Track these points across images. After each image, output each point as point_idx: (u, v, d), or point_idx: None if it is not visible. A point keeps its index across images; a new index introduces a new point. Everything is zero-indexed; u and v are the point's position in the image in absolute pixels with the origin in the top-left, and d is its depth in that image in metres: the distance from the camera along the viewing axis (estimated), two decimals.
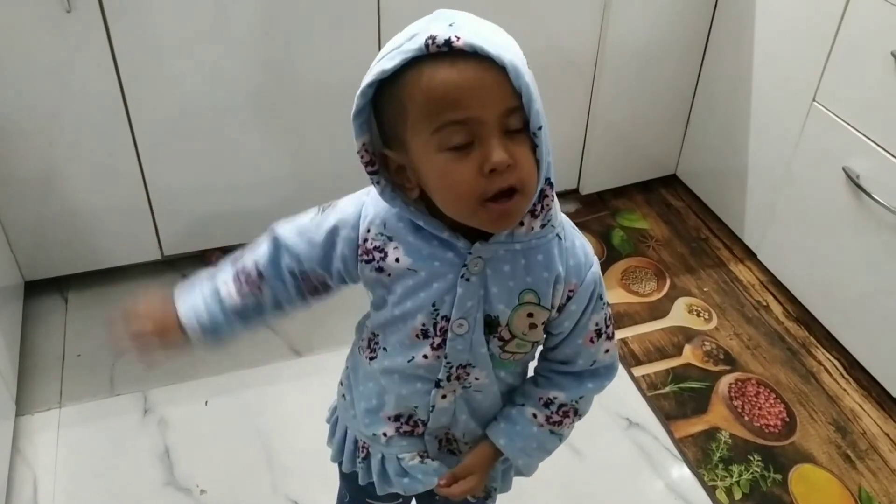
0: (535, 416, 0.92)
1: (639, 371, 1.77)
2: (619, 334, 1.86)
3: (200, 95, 1.70)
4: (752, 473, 1.57)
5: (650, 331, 1.88)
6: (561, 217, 0.84)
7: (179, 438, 1.59)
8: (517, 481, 1.05)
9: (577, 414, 0.94)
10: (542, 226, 0.80)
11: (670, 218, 2.23)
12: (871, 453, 1.61)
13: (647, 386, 1.74)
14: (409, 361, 0.88)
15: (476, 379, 0.89)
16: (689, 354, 1.82)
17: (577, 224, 0.88)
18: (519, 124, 0.73)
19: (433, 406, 0.91)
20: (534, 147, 0.75)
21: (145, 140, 1.71)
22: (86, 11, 1.52)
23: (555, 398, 0.92)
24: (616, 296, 1.97)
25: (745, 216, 2.05)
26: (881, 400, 1.72)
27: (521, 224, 0.79)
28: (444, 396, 0.90)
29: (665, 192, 2.32)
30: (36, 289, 1.87)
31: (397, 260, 0.82)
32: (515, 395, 0.95)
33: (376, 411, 0.95)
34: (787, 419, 1.68)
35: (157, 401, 1.66)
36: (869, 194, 1.61)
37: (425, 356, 0.87)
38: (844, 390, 1.74)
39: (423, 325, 0.85)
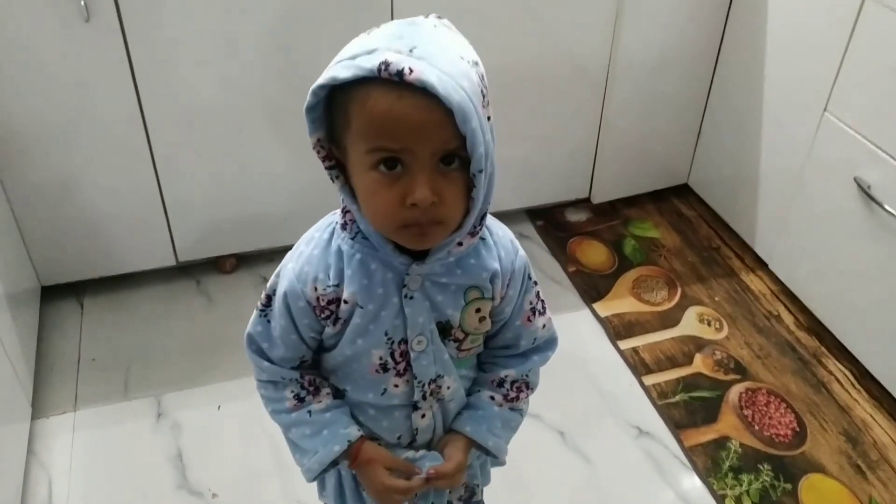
0: (492, 398, 0.95)
1: (649, 380, 1.77)
2: (630, 343, 1.87)
3: (216, 103, 1.72)
4: (761, 483, 1.57)
5: (661, 340, 1.88)
6: None
7: (192, 442, 1.61)
8: (525, 489, 1.06)
9: (529, 387, 0.97)
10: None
11: (682, 227, 2.23)
12: (882, 464, 1.61)
13: (657, 395, 1.74)
14: (382, 394, 0.89)
15: (448, 388, 0.91)
16: (700, 363, 1.82)
17: (588, 233, 0.90)
18: (457, 163, 0.73)
19: (416, 429, 0.93)
20: (472, 185, 0.75)
21: (161, 147, 1.73)
22: (104, 21, 1.54)
23: (506, 376, 0.94)
24: (627, 304, 1.98)
25: (756, 226, 2.05)
26: (892, 410, 1.71)
27: (460, 244, 0.81)
28: (423, 416, 0.92)
29: (677, 201, 2.32)
30: (52, 293, 1.89)
31: (345, 301, 0.83)
32: (470, 388, 0.97)
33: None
34: (798, 429, 1.68)
35: (171, 405, 1.67)
36: (880, 204, 1.61)
37: (396, 385, 0.89)
38: (855, 400, 1.74)
39: (381, 358, 0.86)
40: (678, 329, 1.91)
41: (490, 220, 0.86)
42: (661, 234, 2.21)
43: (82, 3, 1.49)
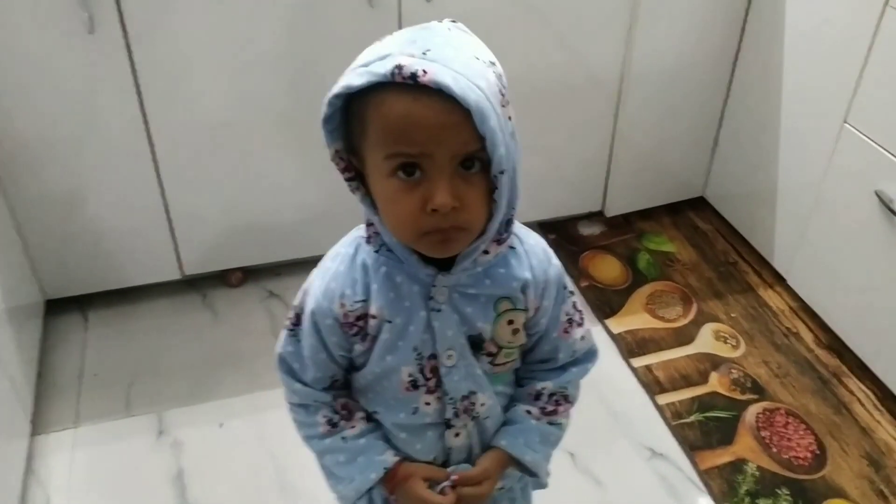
0: (528, 411, 0.92)
1: (663, 399, 1.73)
2: (643, 360, 1.82)
3: (221, 115, 1.70)
4: None
5: (675, 357, 1.84)
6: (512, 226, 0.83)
7: (193, 461, 1.58)
8: None
9: (568, 401, 0.94)
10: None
11: (698, 241, 2.19)
12: None
13: (671, 415, 1.70)
14: (413, 413, 0.87)
15: (482, 405, 0.88)
16: (716, 382, 1.78)
17: (601, 247, 0.87)
18: (477, 166, 0.72)
19: (450, 448, 0.90)
20: (494, 187, 0.73)
21: (166, 160, 1.72)
22: (108, 33, 1.53)
23: (543, 388, 0.92)
24: (641, 321, 1.93)
25: (774, 240, 2.01)
26: None
27: (486, 252, 0.79)
28: (457, 435, 0.89)
29: (693, 214, 2.28)
30: (57, 307, 1.88)
31: (374, 316, 0.82)
32: (508, 404, 0.94)
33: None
34: (818, 451, 1.63)
35: (172, 422, 1.65)
36: None
37: (427, 403, 0.86)
38: (878, 422, 1.68)
39: (410, 375, 0.84)
40: (693, 346, 1.87)
41: (520, 229, 0.85)
42: (676, 248, 2.16)
43: (86, 14, 1.48)
